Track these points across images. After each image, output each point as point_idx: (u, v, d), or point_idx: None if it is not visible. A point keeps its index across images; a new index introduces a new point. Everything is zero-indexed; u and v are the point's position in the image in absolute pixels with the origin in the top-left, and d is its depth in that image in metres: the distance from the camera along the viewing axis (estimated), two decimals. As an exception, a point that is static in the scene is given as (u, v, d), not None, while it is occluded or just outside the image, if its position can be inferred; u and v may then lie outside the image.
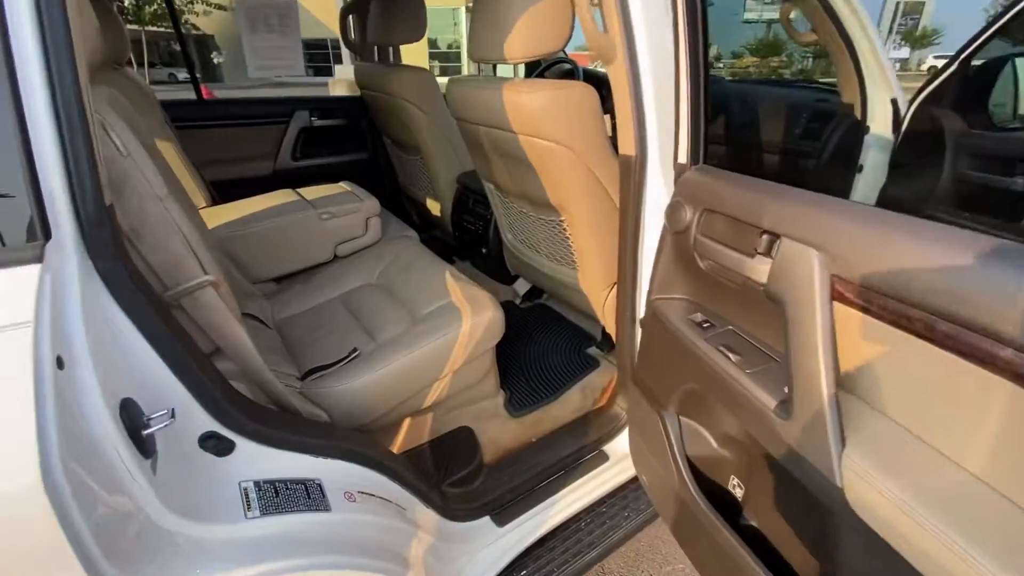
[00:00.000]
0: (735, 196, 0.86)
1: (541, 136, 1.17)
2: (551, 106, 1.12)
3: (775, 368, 0.83)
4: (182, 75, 16.93)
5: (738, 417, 0.89)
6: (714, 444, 1.05)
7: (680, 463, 1.08)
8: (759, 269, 0.80)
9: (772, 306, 0.79)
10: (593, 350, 1.80)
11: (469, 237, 2.07)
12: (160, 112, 1.69)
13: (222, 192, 2.00)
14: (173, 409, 0.68)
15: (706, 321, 0.99)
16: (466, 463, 1.31)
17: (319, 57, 20.16)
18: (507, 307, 2.07)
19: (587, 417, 1.50)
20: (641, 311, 1.24)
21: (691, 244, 0.96)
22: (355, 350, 1.23)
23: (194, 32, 16.40)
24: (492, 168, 1.52)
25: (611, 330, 1.50)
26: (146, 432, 0.65)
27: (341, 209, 1.71)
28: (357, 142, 2.60)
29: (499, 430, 1.46)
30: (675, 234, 1.00)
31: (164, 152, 1.59)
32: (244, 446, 0.80)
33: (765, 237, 0.79)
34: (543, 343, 1.85)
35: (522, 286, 2.12)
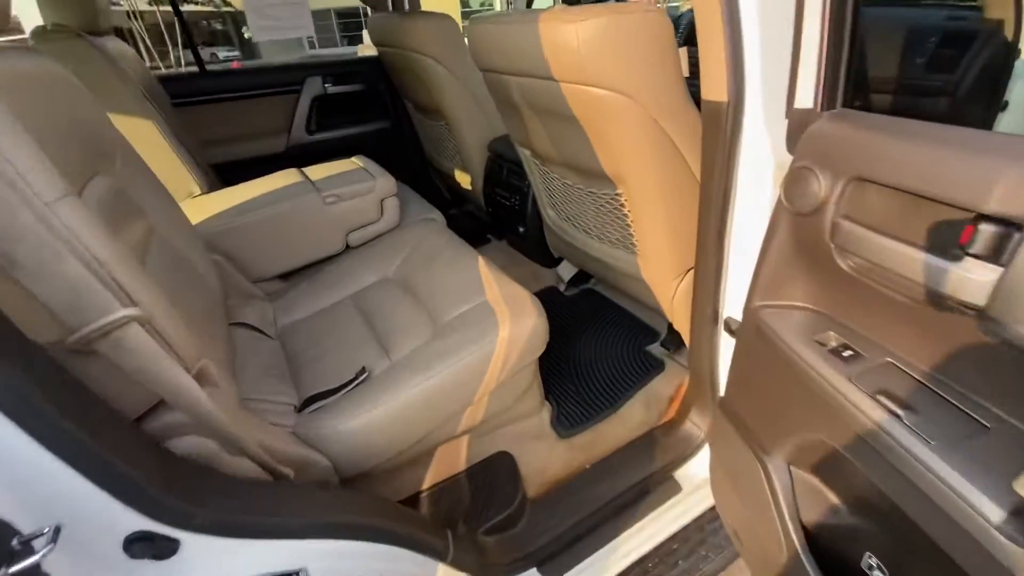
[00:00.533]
0: (919, 156, 0.53)
1: (591, 83, 0.86)
2: (605, 38, 0.80)
3: (994, 445, 0.51)
4: (222, 53, 17.01)
5: (909, 509, 0.58)
6: (844, 510, 0.75)
7: (794, 533, 0.79)
8: (971, 281, 0.48)
9: (991, 341, 0.48)
10: (656, 348, 1.50)
11: (504, 213, 1.78)
12: (142, 87, 1.47)
13: (232, 175, 1.78)
14: (57, 527, 0.46)
15: (846, 347, 0.67)
16: (506, 502, 1.07)
17: (353, 26, 19.84)
18: (550, 295, 1.79)
19: (652, 435, 1.22)
20: (725, 308, 0.94)
21: (825, 232, 0.64)
22: (364, 370, 0.99)
23: (226, 9, 16.29)
24: (527, 130, 1.22)
25: (681, 328, 1.20)
26: (11, 571, 0.43)
27: (349, 191, 1.45)
28: (378, 109, 2.33)
29: (545, 455, 1.20)
30: (797, 216, 0.68)
31: (141, 133, 1.38)
32: (192, 542, 0.58)
33: (987, 228, 0.47)
34: (595, 340, 1.56)
35: (567, 269, 1.82)
